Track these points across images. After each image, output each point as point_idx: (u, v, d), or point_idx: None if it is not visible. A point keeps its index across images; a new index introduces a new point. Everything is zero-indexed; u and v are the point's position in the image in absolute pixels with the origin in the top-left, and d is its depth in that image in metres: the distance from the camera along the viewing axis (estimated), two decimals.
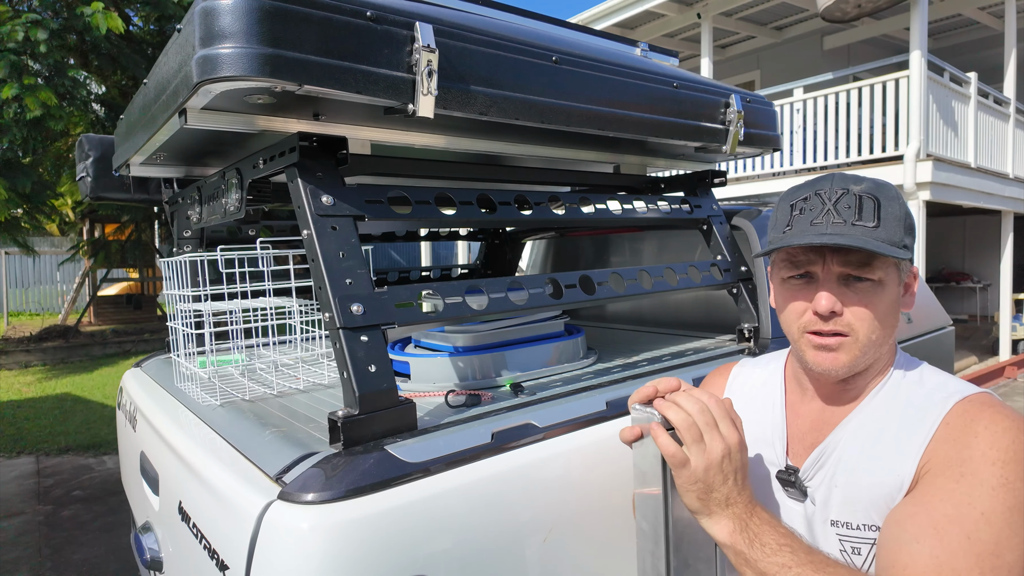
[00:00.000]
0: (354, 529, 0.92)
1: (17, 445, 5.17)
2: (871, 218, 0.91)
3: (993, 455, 0.80)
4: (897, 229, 0.91)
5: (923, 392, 0.93)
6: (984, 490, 0.78)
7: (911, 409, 0.91)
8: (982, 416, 0.85)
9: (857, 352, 0.93)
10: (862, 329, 0.92)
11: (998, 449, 0.80)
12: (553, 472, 1.14)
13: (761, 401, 1.11)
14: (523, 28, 1.48)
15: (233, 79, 0.94)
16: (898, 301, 0.96)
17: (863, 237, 0.90)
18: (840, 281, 0.93)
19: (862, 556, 0.90)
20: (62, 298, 13.15)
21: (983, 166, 7.37)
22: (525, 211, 1.47)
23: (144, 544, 1.45)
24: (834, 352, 0.93)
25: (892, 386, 0.96)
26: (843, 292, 0.93)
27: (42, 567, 3.21)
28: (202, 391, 1.57)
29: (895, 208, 0.92)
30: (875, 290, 0.92)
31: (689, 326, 2.33)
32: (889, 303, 0.93)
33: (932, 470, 0.84)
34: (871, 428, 0.93)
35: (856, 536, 0.90)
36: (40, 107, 5.93)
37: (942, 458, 0.84)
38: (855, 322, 0.92)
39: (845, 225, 0.91)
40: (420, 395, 1.43)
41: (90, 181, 1.98)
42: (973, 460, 0.81)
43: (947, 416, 0.87)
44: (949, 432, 0.85)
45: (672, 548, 0.90)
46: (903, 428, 0.90)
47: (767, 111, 1.87)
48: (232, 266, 1.54)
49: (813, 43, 10.17)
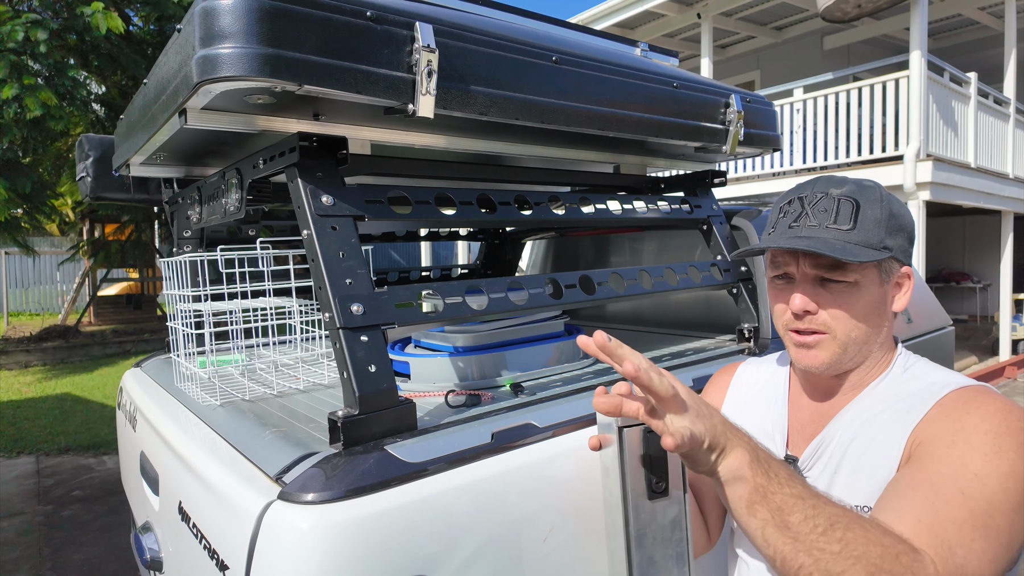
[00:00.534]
0: (354, 529, 0.92)
1: (17, 445, 5.17)
2: (847, 221, 0.93)
3: (985, 427, 0.81)
4: (876, 231, 0.93)
5: (920, 384, 0.94)
6: (977, 455, 0.79)
7: (906, 397, 0.93)
8: (975, 399, 0.85)
9: (837, 349, 0.95)
10: (839, 328, 0.94)
11: (990, 423, 0.81)
12: (553, 472, 1.14)
13: (764, 396, 1.13)
14: (523, 28, 1.48)
15: (233, 79, 0.94)
16: (883, 301, 0.96)
17: (835, 240, 0.92)
18: (816, 282, 0.95)
19: None
20: (62, 298, 13.15)
21: (983, 166, 7.37)
22: (525, 211, 1.47)
23: (144, 544, 1.45)
24: (813, 350, 0.96)
25: (892, 379, 0.97)
26: (819, 292, 0.95)
27: (42, 567, 3.21)
28: (202, 391, 1.57)
29: (875, 210, 0.94)
30: (851, 291, 0.94)
31: (689, 326, 2.33)
32: (868, 303, 0.94)
33: (923, 441, 0.84)
34: (866, 416, 0.95)
35: None
36: (40, 107, 5.92)
37: (933, 431, 0.84)
38: (831, 321, 0.94)
39: (819, 228, 0.94)
40: (420, 395, 1.43)
41: (90, 181, 1.97)
42: (965, 430, 0.81)
43: (941, 400, 0.88)
44: (940, 412, 0.86)
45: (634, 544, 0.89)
46: (897, 412, 0.91)
47: (767, 111, 1.87)
48: (232, 266, 1.54)
49: (813, 43, 10.17)
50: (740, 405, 1.16)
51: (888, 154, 6.60)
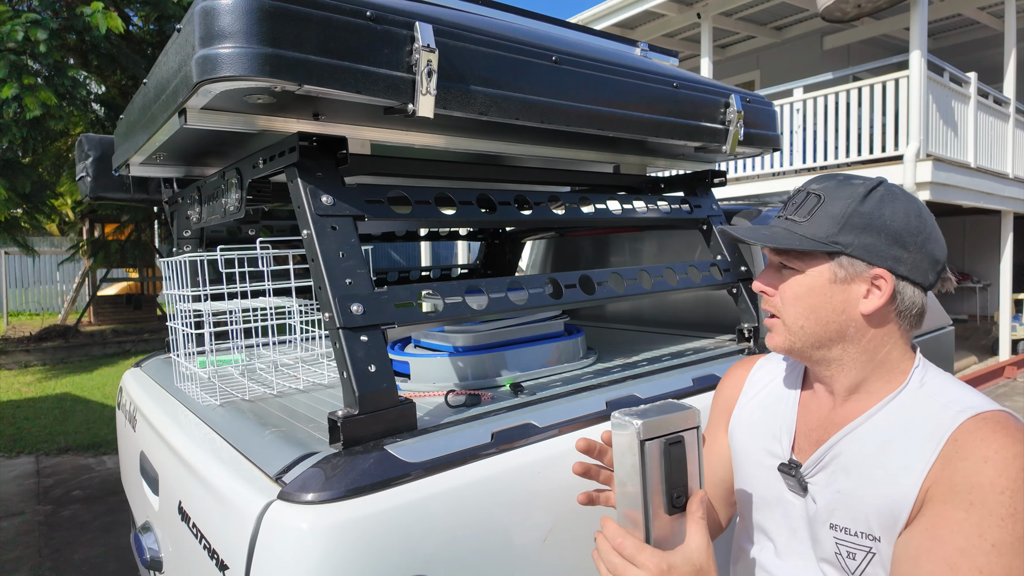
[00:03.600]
0: (354, 529, 0.92)
1: (17, 445, 5.17)
2: (804, 214, 0.98)
3: (1002, 483, 0.79)
4: (828, 225, 0.95)
5: (936, 405, 0.90)
6: (994, 520, 0.77)
7: (921, 422, 0.89)
8: (993, 439, 0.82)
9: (787, 335, 1.00)
10: (787, 313, 0.99)
11: (1007, 478, 0.79)
12: (553, 472, 1.14)
13: (777, 395, 1.11)
14: (523, 28, 1.48)
15: (233, 79, 0.94)
16: (841, 298, 0.95)
17: (782, 231, 0.99)
18: (777, 268, 1.02)
19: (856, 561, 0.90)
20: (62, 298, 13.15)
21: (983, 166, 7.37)
22: (525, 211, 1.47)
23: (144, 544, 1.45)
24: (771, 333, 1.03)
25: (907, 395, 0.93)
26: (777, 277, 1.02)
27: (42, 567, 3.21)
28: (202, 391, 1.57)
29: (837, 206, 0.95)
30: (796, 278, 0.98)
31: (689, 326, 2.33)
32: (814, 294, 0.97)
33: (940, 495, 0.82)
34: (878, 438, 0.91)
35: (853, 542, 0.90)
36: (40, 107, 5.92)
37: (949, 482, 0.82)
38: (780, 305, 1.01)
39: (781, 220, 1.02)
40: (420, 395, 1.43)
41: (90, 181, 1.98)
42: (982, 487, 0.79)
43: (955, 432, 0.84)
44: (957, 451, 0.83)
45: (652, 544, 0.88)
46: (911, 441, 0.88)
47: (767, 111, 1.87)
48: (232, 266, 1.54)
49: (813, 43, 10.17)
50: (754, 403, 1.15)
51: (888, 154, 6.61)
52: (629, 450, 0.86)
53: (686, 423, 0.88)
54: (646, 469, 0.85)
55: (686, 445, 0.88)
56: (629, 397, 1.39)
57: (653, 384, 1.48)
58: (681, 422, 0.88)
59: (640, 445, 0.85)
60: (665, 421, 0.87)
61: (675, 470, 0.87)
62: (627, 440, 0.87)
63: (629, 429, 0.86)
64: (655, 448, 0.86)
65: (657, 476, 0.86)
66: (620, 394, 1.39)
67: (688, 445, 0.88)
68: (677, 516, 0.87)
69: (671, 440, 0.86)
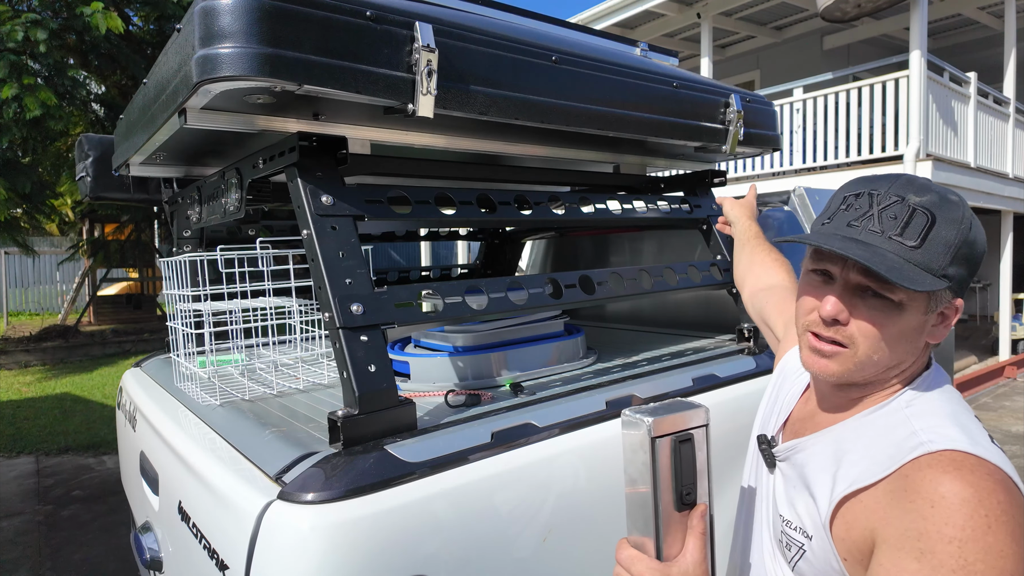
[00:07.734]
0: (353, 529, 0.92)
1: (17, 445, 5.17)
2: (914, 236, 0.82)
3: (950, 532, 0.73)
4: (942, 255, 0.82)
5: (905, 432, 0.84)
6: (944, 572, 0.73)
7: (883, 445, 0.85)
8: (942, 481, 0.76)
9: (851, 366, 0.87)
10: (863, 345, 0.85)
11: (954, 527, 0.73)
12: (553, 472, 1.14)
13: (793, 379, 1.11)
14: (523, 28, 1.48)
15: (233, 79, 0.94)
16: (921, 329, 0.86)
17: (894, 255, 0.82)
18: (855, 290, 0.86)
19: (791, 552, 0.92)
20: (62, 298, 13.15)
21: (983, 166, 7.37)
22: (525, 211, 1.47)
23: (144, 544, 1.45)
24: (826, 359, 0.89)
25: (886, 413, 0.89)
26: (855, 303, 0.86)
27: (42, 567, 3.21)
28: (202, 391, 1.57)
29: (950, 232, 0.82)
30: (890, 310, 0.84)
31: (689, 326, 2.33)
32: (905, 328, 0.85)
33: (893, 539, 0.78)
34: (839, 448, 0.90)
35: (791, 535, 0.92)
36: (40, 107, 5.93)
37: (899, 523, 0.78)
38: (858, 336, 0.85)
39: (881, 236, 0.83)
40: (420, 395, 1.43)
41: (90, 181, 1.98)
42: (930, 536, 0.75)
43: (906, 467, 0.79)
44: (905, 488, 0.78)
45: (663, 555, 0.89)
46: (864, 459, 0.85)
47: (767, 111, 1.87)
48: (232, 266, 1.54)
49: (813, 43, 10.16)
50: (774, 387, 1.15)
51: (888, 154, 6.61)
52: (640, 448, 0.87)
53: (696, 421, 0.89)
54: (657, 466, 0.86)
55: (695, 443, 0.89)
56: (629, 397, 1.39)
57: (653, 384, 1.48)
58: (691, 420, 0.89)
59: (651, 443, 0.86)
60: (675, 419, 0.88)
61: (685, 467, 0.88)
62: (638, 438, 0.88)
63: (640, 427, 0.87)
64: (666, 445, 0.87)
65: (667, 473, 0.87)
66: (620, 394, 1.39)
67: (697, 443, 0.89)
68: (686, 513, 0.89)
69: (681, 438, 0.88)
